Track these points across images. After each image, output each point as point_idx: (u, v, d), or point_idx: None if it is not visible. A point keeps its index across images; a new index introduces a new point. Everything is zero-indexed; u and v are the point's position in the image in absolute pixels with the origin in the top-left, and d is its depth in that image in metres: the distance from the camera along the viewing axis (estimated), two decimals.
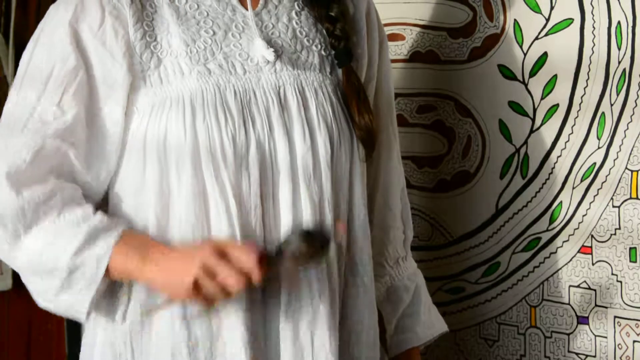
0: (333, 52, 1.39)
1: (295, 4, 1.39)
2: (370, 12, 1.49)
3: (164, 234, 1.28)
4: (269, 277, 1.22)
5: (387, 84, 1.53)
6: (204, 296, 1.20)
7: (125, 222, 1.28)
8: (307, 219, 1.29)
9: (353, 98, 1.37)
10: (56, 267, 1.24)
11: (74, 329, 2.38)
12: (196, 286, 1.19)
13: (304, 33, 1.38)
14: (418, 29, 1.84)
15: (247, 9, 1.35)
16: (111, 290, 1.30)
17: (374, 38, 1.48)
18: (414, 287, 1.55)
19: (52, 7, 1.33)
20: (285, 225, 1.29)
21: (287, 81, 1.32)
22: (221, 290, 1.19)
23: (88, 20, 1.29)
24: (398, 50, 1.86)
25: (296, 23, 1.38)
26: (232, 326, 1.27)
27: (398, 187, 1.55)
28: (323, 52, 1.39)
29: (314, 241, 1.17)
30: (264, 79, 1.31)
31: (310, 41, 1.38)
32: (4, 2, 2.36)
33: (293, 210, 1.29)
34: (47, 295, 1.29)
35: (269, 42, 1.33)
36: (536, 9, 1.67)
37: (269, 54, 1.32)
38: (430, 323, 1.56)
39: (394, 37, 1.87)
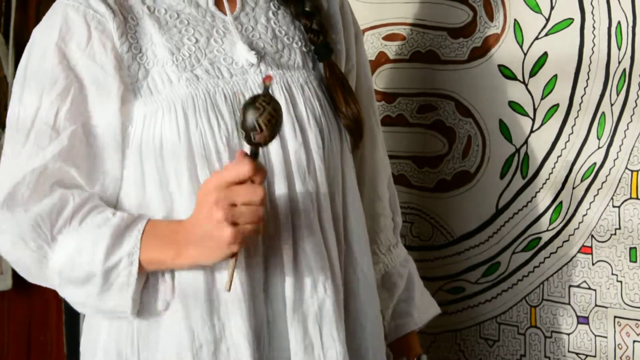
0: (313, 47, 1.40)
1: (271, 4, 1.41)
2: (343, 5, 1.50)
3: None
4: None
5: (366, 75, 1.55)
6: (245, 230, 1.18)
7: (146, 215, 1.28)
8: (305, 214, 1.30)
9: (338, 89, 1.39)
10: (90, 274, 1.25)
11: (74, 329, 2.38)
12: (235, 230, 1.17)
13: (282, 32, 1.39)
14: (418, 29, 1.84)
15: (225, 14, 1.36)
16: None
17: (349, 31, 1.50)
18: (407, 273, 1.58)
19: (35, 31, 1.33)
20: (283, 222, 1.29)
21: (273, 81, 1.33)
22: (251, 210, 1.18)
23: (75, 38, 1.29)
24: (398, 50, 1.86)
25: (274, 23, 1.39)
26: (235, 329, 1.26)
27: (385, 175, 1.57)
28: (304, 49, 1.40)
29: (258, 105, 1.17)
30: (251, 80, 1.32)
31: (290, 39, 1.39)
32: (4, 2, 2.36)
33: (290, 207, 1.29)
34: (88, 302, 1.29)
35: (251, 45, 1.35)
36: (536, 9, 1.67)
37: (252, 57, 1.33)
38: (424, 307, 1.59)
39: (394, 37, 1.87)
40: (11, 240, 1.27)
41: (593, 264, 1.62)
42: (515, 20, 1.70)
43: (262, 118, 1.16)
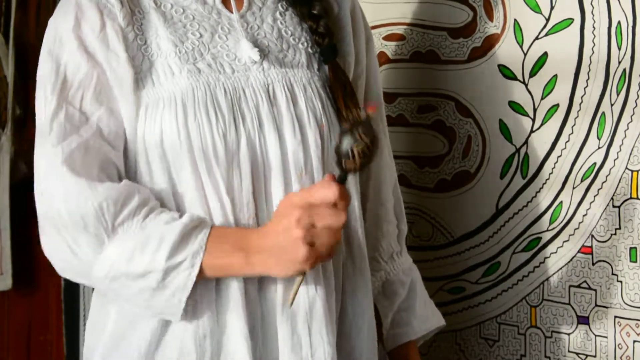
0: (318, 49, 1.41)
1: (279, 5, 1.42)
2: (355, 10, 1.50)
3: None
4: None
5: (375, 81, 1.55)
6: (320, 252, 1.21)
7: (208, 221, 1.28)
8: None
9: (339, 92, 1.39)
10: (150, 270, 1.23)
11: (74, 330, 2.37)
12: (310, 250, 1.20)
13: (289, 32, 1.40)
14: (418, 29, 1.84)
15: (231, 11, 1.37)
16: None
17: (360, 35, 1.50)
18: (409, 282, 1.56)
19: (51, 21, 1.35)
20: None
21: (275, 79, 1.34)
22: (330, 233, 1.21)
23: (90, 25, 1.31)
24: (398, 50, 1.86)
25: (281, 23, 1.40)
26: (232, 321, 1.27)
27: (390, 182, 1.56)
28: (310, 50, 1.41)
29: (356, 134, 1.20)
30: (253, 77, 1.33)
31: (296, 40, 1.40)
32: (4, 2, 2.36)
33: None
34: (138, 299, 1.27)
35: (255, 43, 1.35)
36: (536, 9, 1.67)
37: (255, 54, 1.34)
38: (426, 317, 1.57)
39: (394, 37, 1.87)
40: (72, 214, 1.24)
41: (593, 264, 1.62)
42: (515, 20, 1.70)
43: (357, 148, 1.19)
